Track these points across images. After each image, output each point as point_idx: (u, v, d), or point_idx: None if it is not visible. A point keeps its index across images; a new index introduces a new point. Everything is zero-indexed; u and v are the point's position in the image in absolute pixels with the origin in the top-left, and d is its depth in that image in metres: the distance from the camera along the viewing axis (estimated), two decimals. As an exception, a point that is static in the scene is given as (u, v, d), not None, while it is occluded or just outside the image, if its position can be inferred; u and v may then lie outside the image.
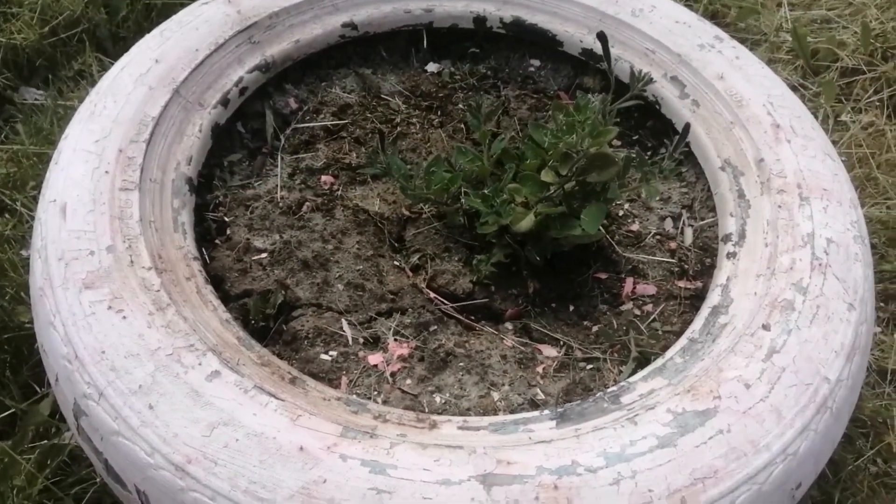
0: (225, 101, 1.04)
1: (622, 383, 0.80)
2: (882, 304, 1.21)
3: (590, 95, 1.21)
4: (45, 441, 1.01)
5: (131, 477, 0.70)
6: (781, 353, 0.79)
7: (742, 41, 1.41)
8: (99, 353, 0.74)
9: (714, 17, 1.77)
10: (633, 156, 0.97)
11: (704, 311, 0.87)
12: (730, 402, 0.75)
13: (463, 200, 0.99)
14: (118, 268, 0.80)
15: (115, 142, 0.92)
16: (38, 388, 1.07)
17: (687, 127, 1.04)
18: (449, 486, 0.67)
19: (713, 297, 0.88)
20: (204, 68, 1.03)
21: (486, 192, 0.97)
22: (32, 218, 1.16)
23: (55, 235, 0.83)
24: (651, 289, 1.04)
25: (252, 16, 1.11)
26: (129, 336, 0.75)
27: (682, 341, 0.84)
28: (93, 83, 1.37)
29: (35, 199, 1.21)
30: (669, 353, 0.83)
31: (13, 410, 1.04)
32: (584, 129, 0.88)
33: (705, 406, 0.74)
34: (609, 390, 0.79)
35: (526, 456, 0.70)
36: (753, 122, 1.04)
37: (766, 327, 0.81)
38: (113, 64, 1.04)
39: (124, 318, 0.77)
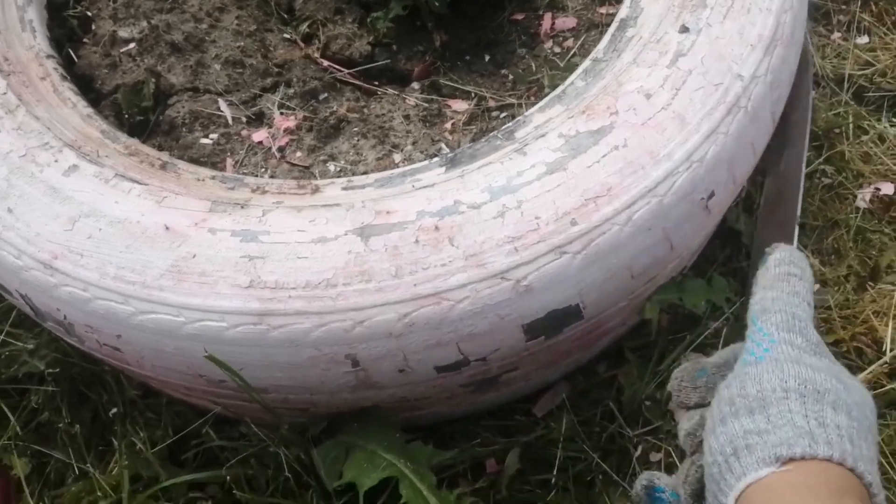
0: None
1: (519, 118, 0.73)
2: (843, 6, 1.08)
3: None
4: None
5: (11, 283, 0.69)
6: (688, 56, 0.70)
7: None
8: (-49, 168, 0.70)
9: None
10: None
11: (612, 27, 0.78)
12: (627, 115, 0.68)
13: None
14: (-42, 77, 0.74)
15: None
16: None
17: None
18: (325, 244, 0.64)
19: (622, 10, 0.78)
20: None
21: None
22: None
23: None
24: (571, 21, 0.94)
25: None
26: (-23, 144, 0.70)
27: (586, 63, 0.76)
28: None
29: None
30: (571, 78, 0.75)
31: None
32: None
33: (600, 124, 0.68)
34: (504, 127, 0.73)
35: (406, 203, 0.66)
36: None
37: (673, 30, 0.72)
38: None
39: (-30, 126, 0.71)
